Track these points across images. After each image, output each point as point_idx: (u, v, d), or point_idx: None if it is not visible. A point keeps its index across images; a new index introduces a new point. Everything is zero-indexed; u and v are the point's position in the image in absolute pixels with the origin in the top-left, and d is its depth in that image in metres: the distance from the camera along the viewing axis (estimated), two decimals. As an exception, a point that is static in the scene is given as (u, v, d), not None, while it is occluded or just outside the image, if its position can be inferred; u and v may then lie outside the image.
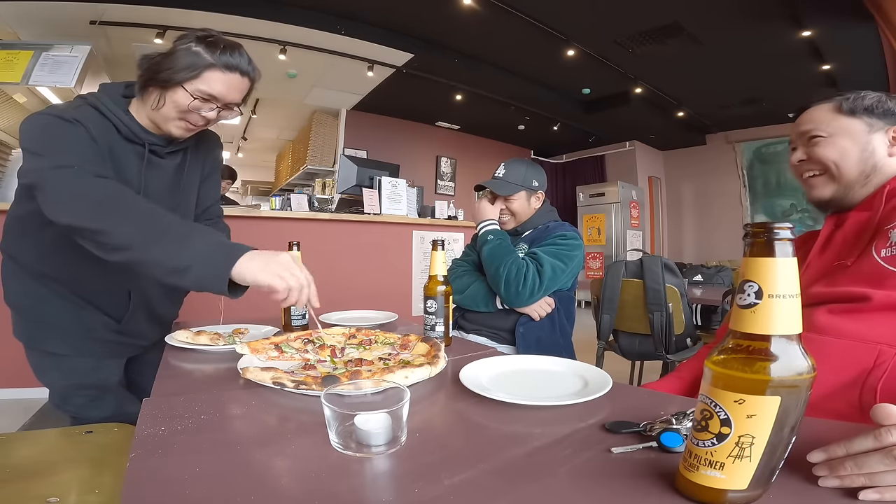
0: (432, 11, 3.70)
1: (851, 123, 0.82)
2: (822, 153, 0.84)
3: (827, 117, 0.84)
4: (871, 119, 0.81)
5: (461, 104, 5.49)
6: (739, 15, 3.55)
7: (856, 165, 0.82)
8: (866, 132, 0.81)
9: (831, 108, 0.84)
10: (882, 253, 0.72)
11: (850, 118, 0.83)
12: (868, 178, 0.82)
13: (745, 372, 0.36)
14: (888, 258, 0.71)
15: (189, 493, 0.40)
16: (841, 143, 0.83)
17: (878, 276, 0.71)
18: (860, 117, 0.82)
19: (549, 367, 0.80)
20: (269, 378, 0.67)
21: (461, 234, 3.48)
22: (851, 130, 0.82)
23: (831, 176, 0.84)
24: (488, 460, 0.47)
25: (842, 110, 0.83)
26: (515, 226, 1.55)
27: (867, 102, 0.82)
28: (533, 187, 1.51)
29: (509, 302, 1.41)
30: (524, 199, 1.52)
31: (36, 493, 0.73)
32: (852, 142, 0.82)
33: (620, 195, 6.41)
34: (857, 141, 0.82)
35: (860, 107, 0.82)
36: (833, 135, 0.83)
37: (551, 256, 1.39)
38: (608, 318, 2.09)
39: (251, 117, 6.04)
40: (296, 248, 1.13)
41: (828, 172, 0.84)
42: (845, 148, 0.82)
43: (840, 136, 0.83)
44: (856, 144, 0.82)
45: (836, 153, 0.83)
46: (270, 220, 2.84)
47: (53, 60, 3.02)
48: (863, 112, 0.82)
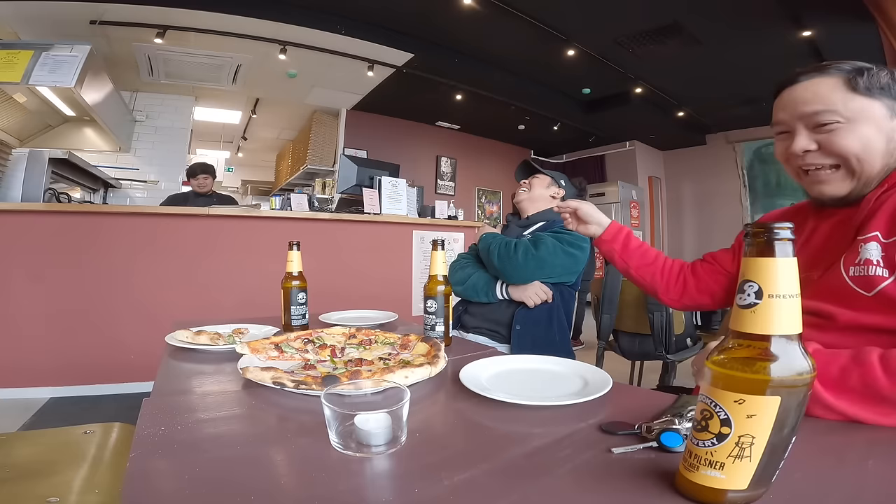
0: (432, 11, 3.70)
1: (872, 106, 0.67)
2: (843, 143, 0.68)
3: (841, 97, 0.68)
4: (891, 101, 0.67)
5: (461, 104, 5.49)
6: (739, 15, 3.55)
7: (881, 158, 0.68)
8: (888, 118, 0.67)
9: (842, 86, 0.68)
10: (850, 271, 0.65)
11: (868, 99, 0.67)
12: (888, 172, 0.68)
13: (745, 372, 0.36)
14: (855, 278, 0.64)
15: (189, 492, 0.40)
16: (864, 132, 0.67)
17: (844, 294, 0.65)
18: (879, 98, 0.67)
19: (549, 366, 0.80)
20: (269, 378, 0.67)
21: (461, 234, 3.48)
22: (873, 115, 0.67)
23: (850, 171, 0.69)
24: (488, 460, 0.47)
25: (857, 89, 0.67)
26: (526, 203, 1.62)
27: (884, 80, 0.67)
28: (559, 182, 1.63)
29: (505, 273, 1.44)
30: (545, 183, 1.62)
31: (36, 493, 0.73)
32: (876, 130, 0.67)
33: (620, 195, 6.41)
34: (882, 128, 0.67)
35: (876, 85, 0.67)
36: (853, 120, 0.67)
37: (554, 238, 1.43)
38: (608, 318, 2.09)
39: (251, 117, 6.04)
40: (296, 248, 1.13)
41: (846, 166, 0.70)
42: (869, 137, 0.67)
43: (861, 122, 0.67)
44: (880, 133, 0.67)
45: (858, 144, 0.67)
46: (270, 219, 2.84)
47: (53, 60, 3.02)
48: (879, 92, 0.67)
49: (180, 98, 5.01)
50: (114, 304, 2.52)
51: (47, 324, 2.41)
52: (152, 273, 2.56)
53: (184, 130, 5.07)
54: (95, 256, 2.48)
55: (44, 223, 2.40)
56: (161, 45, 3.86)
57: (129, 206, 4.24)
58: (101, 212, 2.63)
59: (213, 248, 2.68)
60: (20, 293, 2.38)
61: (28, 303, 2.39)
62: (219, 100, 5.32)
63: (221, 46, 4.05)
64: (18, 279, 2.37)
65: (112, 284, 2.51)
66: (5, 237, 2.34)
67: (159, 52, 4.05)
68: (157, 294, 2.57)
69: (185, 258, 2.62)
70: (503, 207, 7.40)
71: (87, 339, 2.47)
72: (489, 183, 7.21)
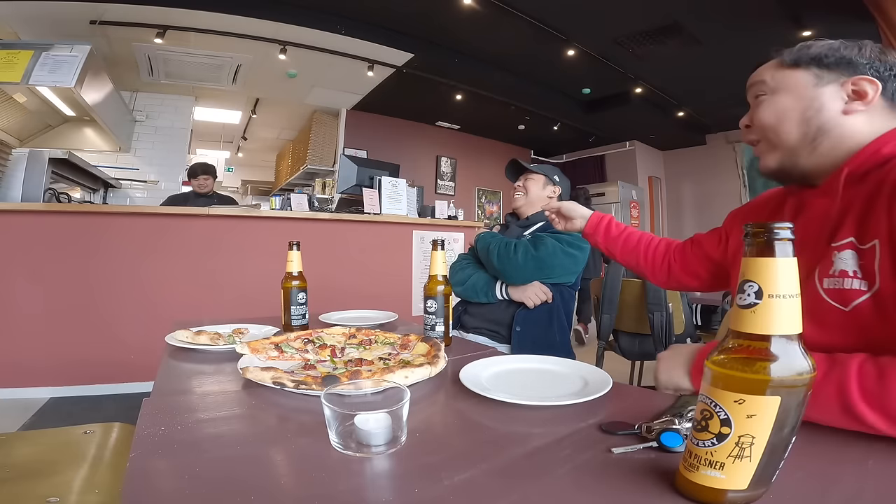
0: (432, 11, 3.70)
1: (794, 76, 0.68)
2: (760, 115, 0.71)
3: (771, 70, 0.71)
4: (819, 70, 0.67)
5: (461, 104, 5.49)
6: (739, 15, 3.55)
7: (796, 127, 0.67)
8: (812, 86, 0.67)
9: (776, 62, 0.71)
10: (824, 283, 0.62)
11: (792, 70, 0.69)
12: (814, 143, 0.67)
13: (745, 372, 0.36)
14: (830, 291, 0.61)
15: (189, 492, 0.40)
16: (780, 102, 0.69)
17: (818, 310, 0.61)
18: (807, 68, 0.68)
19: (549, 367, 0.80)
20: (269, 378, 0.67)
21: (461, 234, 3.48)
22: (795, 84, 0.68)
23: (770, 143, 0.71)
24: (488, 460, 0.47)
25: (784, 62, 0.70)
26: (525, 206, 1.61)
27: (814, 51, 0.67)
28: (553, 179, 1.61)
29: (505, 273, 1.44)
30: (541, 183, 1.60)
31: (36, 493, 0.73)
32: (794, 98, 0.68)
33: (620, 195, 6.41)
34: (801, 97, 0.67)
35: (805, 56, 0.68)
36: (775, 90, 0.70)
37: (554, 239, 1.43)
38: (608, 318, 2.09)
39: (251, 117, 6.04)
40: (296, 248, 1.13)
41: (765, 139, 0.72)
42: (785, 107, 0.68)
43: (781, 92, 0.69)
44: (798, 101, 0.67)
45: (772, 115, 0.69)
46: (270, 219, 2.84)
47: (53, 60, 3.02)
48: (809, 62, 0.67)
49: (180, 98, 5.01)
50: (114, 304, 2.52)
51: (47, 324, 2.41)
52: (153, 273, 2.56)
53: (184, 130, 5.07)
54: (95, 256, 2.48)
55: (44, 223, 2.40)
56: (161, 45, 3.86)
57: (129, 206, 4.24)
58: (101, 212, 2.63)
59: (213, 248, 2.68)
60: (20, 293, 2.38)
61: (28, 303, 2.39)
62: (219, 100, 5.32)
63: (221, 46, 4.05)
64: (18, 279, 2.37)
65: (112, 284, 2.52)
66: (5, 237, 2.34)
67: (159, 52, 4.05)
68: (158, 294, 2.57)
69: (185, 258, 2.62)
70: (503, 207, 7.40)
71: (87, 339, 2.47)
72: (489, 183, 7.21)
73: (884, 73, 0.64)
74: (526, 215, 1.61)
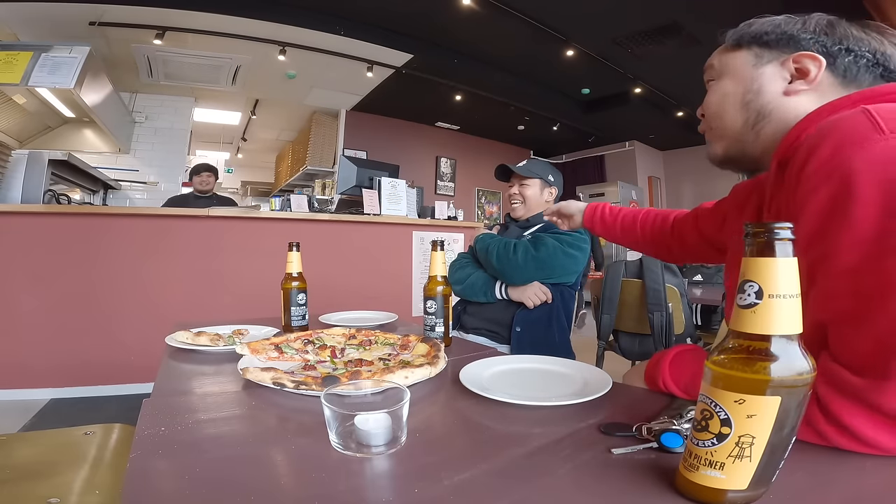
0: (432, 11, 3.70)
1: (735, 57, 0.64)
2: (706, 103, 0.67)
3: (718, 55, 0.67)
4: (759, 49, 0.62)
5: (461, 104, 5.49)
6: (739, 15, 3.53)
7: (738, 113, 0.63)
8: (751, 66, 0.62)
9: (724, 45, 0.66)
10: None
11: (734, 52, 0.64)
12: (756, 128, 0.61)
13: (745, 372, 0.36)
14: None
15: (189, 493, 0.40)
16: (722, 87, 0.65)
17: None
18: (748, 47, 0.63)
19: (548, 367, 0.80)
20: (270, 378, 0.67)
21: (461, 234, 3.48)
22: (735, 66, 0.64)
23: (714, 131, 0.67)
24: (488, 460, 0.47)
25: (726, 44, 0.65)
26: (525, 214, 1.60)
27: (755, 29, 0.63)
28: (548, 181, 1.59)
29: (504, 274, 1.44)
30: (538, 187, 1.59)
31: (36, 493, 0.73)
32: (735, 82, 0.63)
33: (620, 195, 6.41)
34: (740, 80, 0.63)
35: (746, 35, 0.63)
36: (720, 75, 0.66)
37: (554, 239, 1.43)
38: (608, 318, 2.09)
39: (251, 118, 6.04)
40: (295, 248, 1.13)
41: (709, 126, 0.68)
42: (726, 91, 0.64)
43: (724, 76, 0.65)
44: (738, 84, 0.63)
45: (715, 101, 0.65)
46: (270, 220, 2.84)
47: (53, 61, 3.02)
48: (750, 41, 0.63)
49: (180, 99, 5.01)
50: (114, 306, 2.52)
51: (47, 325, 2.41)
52: (152, 274, 2.56)
53: (183, 131, 5.07)
54: (95, 258, 2.48)
55: (43, 225, 2.40)
56: (160, 47, 3.86)
57: (129, 207, 4.24)
58: (101, 213, 2.63)
59: (212, 249, 2.68)
60: (20, 294, 2.38)
61: (28, 304, 2.39)
62: (218, 101, 5.32)
63: (221, 47, 4.06)
64: (18, 280, 2.37)
65: (112, 285, 2.51)
66: (5, 239, 2.33)
67: (158, 53, 4.06)
68: (158, 295, 2.57)
69: (185, 259, 2.62)
70: (503, 208, 7.40)
71: (87, 341, 2.47)
72: (489, 183, 7.21)
73: (831, 47, 0.58)
74: (526, 218, 1.61)
